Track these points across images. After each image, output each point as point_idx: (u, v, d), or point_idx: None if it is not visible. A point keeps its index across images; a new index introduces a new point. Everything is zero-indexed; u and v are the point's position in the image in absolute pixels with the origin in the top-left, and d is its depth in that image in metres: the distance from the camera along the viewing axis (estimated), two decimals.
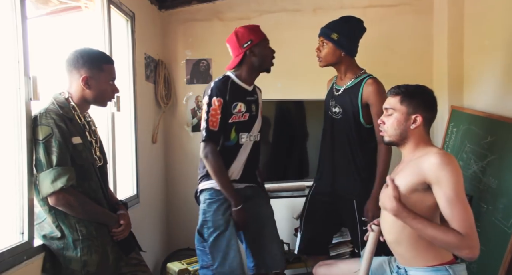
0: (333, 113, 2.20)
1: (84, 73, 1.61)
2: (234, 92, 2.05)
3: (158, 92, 3.22)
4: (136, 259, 1.81)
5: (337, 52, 2.16)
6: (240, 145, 2.09)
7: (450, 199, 1.45)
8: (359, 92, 2.12)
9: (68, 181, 1.48)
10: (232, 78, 2.09)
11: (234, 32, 2.10)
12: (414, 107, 1.60)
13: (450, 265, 1.54)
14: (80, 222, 1.56)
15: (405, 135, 1.62)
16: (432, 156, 1.50)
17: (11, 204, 1.53)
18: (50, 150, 1.49)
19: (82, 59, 1.61)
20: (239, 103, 2.06)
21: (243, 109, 2.07)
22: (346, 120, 2.16)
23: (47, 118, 1.51)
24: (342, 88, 2.19)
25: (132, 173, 2.74)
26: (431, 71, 3.29)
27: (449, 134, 2.93)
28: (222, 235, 1.99)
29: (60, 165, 1.49)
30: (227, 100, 2.02)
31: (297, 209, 3.26)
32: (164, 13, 3.39)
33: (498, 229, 2.31)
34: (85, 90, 1.62)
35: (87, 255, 1.54)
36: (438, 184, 1.47)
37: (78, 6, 2.25)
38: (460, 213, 1.44)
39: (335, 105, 2.20)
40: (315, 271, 2.01)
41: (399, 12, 3.32)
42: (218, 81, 2.06)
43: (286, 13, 3.37)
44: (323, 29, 2.21)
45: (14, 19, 1.52)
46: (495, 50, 2.64)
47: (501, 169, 2.39)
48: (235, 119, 2.05)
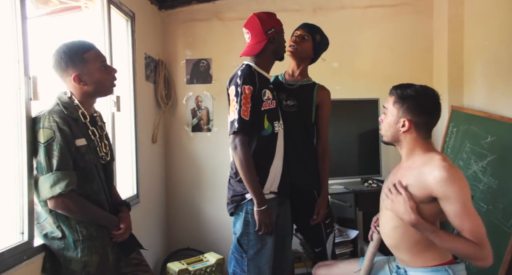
0: (285, 106, 2.19)
1: (72, 72, 1.55)
2: (260, 79, 1.96)
3: (158, 92, 3.22)
4: (137, 259, 1.80)
5: (310, 53, 2.22)
6: (276, 133, 1.99)
7: (460, 214, 1.42)
8: (313, 92, 2.21)
9: (67, 186, 1.46)
10: (254, 67, 1.98)
11: (257, 17, 1.98)
12: (403, 111, 1.55)
13: (449, 265, 1.54)
14: (81, 223, 1.55)
15: (397, 138, 1.59)
16: (437, 169, 1.45)
17: (11, 204, 1.53)
18: (51, 153, 1.47)
19: (63, 60, 1.55)
20: (267, 91, 1.97)
21: (271, 97, 1.99)
22: (300, 114, 2.18)
23: (50, 122, 1.49)
24: (298, 83, 2.23)
25: (132, 173, 2.74)
26: (431, 71, 3.30)
27: (449, 134, 2.93)
28: (264, 249, 1.93)
29: (60, 169, 1.47)
30: (257, 87, 1.92)
31: None
32: (164, 13, 3.39)
33: (498, 229, 2.31)
34: (83, 87, 1.58)
35: (88, 256, 1.53)
36: (447, 199, 1.44)
37: (78, 6, 2.25)
38: (471, 225, 1.42)
39: (288, 98, 2.20)
40: (315, 271, 2.00)
41: (399, 12, 3.32)
42: (244, 69, 1.95)
43: (286, 13, 3.36)
44: (310, 25, 2.24)
45: (14, 19, 1.52)
46: (495, 50, 2.64)
47: (501, 169, 2.39)
48: (266, 107, 1.95)
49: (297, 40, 2.19)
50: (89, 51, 1.59)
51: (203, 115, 3.45)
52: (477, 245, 1.39)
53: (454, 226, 1.46)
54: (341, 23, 3.34)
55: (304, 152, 2.18)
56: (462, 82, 3.02)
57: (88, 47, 1.61)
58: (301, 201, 2.20)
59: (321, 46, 2.24)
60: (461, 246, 1.41)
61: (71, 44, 1.59)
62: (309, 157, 2.20)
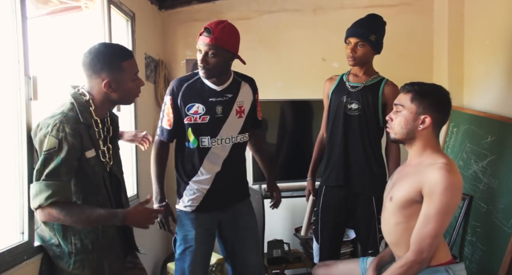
0: (348, 110, 2.17)
1: (106, 77, 1.48)
2: (191, 91, 1.90)
3: (158, 92, 3.22)
4: (132, 262, 1.75)
5: (373, 53, 2.18)
6: (206, 148, 1.92)
7: (429, 216, 1.45)
8: (379, 91, 2.14)
9: (47, 199, 1.35)
10: (200, 76, 1.91)
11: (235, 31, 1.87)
12: (424, 107, 1.54)
13: (449, 265, 1.54)
14: (76, 234, 1.48)
15: (412, 135, 1.57)
16: (436, 171, 1.46)
17: (11, 204, 1.53)
18: (47, 162, 1.38)
19: (100, 63, 1.48)
20: (196, 105, 1.89)
21: (201, 111, 1.89)
22: (364, 116, 2.15)
23: (59, 131, 1.40)
24: (361, 85, 2.18)
25: (132, 173, 2.74)
26: (431, 71, 3.30)
27: (449, 134, 2.93)
28: (187, 251, 1.94)
29: (47, 179, 1.36)
30: (179, 99, 1.89)
31: (297, 209, 3.27)
32: (164, 13, 3.39)
33: (498, 229, 2.31)
34: (110, 93, 1.51)
35: (79, 269, 1.47)
36: (429, 198, 1.46)
37: (78, 6, 2.25)
38: (426, 231, 1.45)
39: (352, 101, 2.17)
40: (315, 271, 2.00)
41: (399, 12, 3.32)
42: (178, 79, 1.95)
43: (286, 13, 3.37)
44: (359, 30, 2.14)
45: (14, 19, 1.52)
46: (495, 50, 2.64)
47: (501, 169, 2.39)
48: (190, 120, 1.90)
49: (354, 52, 2.12)
50: (128, 59, 1.54)
51: None
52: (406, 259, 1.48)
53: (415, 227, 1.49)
54: (341, 23, 3.30)
55: (365, 158, 2.15)
56: (462, 82, 3.02)
57: (128, 56, 1.55)
58: (359, 205, 2.19)
59: (379, 40, 2.16)
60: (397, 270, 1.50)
61: (111, 47, 1.57)
62: (374, 162, 2.15)
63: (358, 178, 2.18)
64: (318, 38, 3.31)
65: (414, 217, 1.52)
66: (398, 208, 1.58)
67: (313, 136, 2.97)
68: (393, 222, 1.61)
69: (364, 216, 2.18)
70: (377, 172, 2.16)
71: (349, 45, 2.15)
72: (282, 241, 2.90)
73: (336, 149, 2.23)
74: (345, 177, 2.19)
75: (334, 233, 2.28)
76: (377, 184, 2.12)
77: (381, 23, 2.22)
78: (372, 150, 2.16)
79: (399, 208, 1.57)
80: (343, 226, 2.32)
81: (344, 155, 2.19)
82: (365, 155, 2.16)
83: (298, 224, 3.03)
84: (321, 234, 2.28)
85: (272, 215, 2.76)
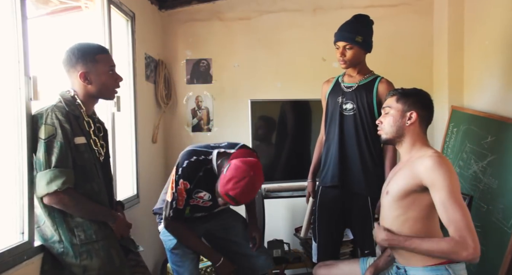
0: (343, 110, 2.19)
1: (80, 69, 1.58)
2: (204, 181, 1.96)
3: (158, 92, 3.22)
4: (134, 260, 1.79)
5: (363, 53, 2.19)
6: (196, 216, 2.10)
7: (445, 201, 1.46)
8: (373, 89, 2.16)
9: (64, 184, 1.46)
10: (213, 166, 1.96)
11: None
12: (409, 104, 1.66)
13: (449, 264, 1.54)
14: (79, 226, 1.53)
15: (401, 132, 1.66)
16: (426, 159, 1.53)
17: (11, 204, 1.53)
18: (51, 150, 1.47)
19: (74, 56, 1.57)
20: (203, 192, 1.99)
21: (206, 198, 2.01)
22: (359, 116, 2.16)
23: (53, 118, 1.49)
24: (355, 84, 2.20)
25: (132, 173, 2.74)
26: (431, 71, 3.29)
27: (449, 134, 2.93)
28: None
29: (58, 166, 1.46)
30: (193, 185, 1.96)
31: (297, 209, 3.27)
32: (164, 13, 3.39)
33: (498, 229, 2.31)
34: (87, 86, 1.60)
35: (87, 260, 1.51)
36: (433, 186, 1.49)
37: (78, 6, 2.25)
38: (455, 215, 1.44)
39: (346, 101, 2.19)
40: (315, 271, 2.01)
41: (399, 12, 3.32)
42: (190, 164, 1.97)
43: (286, 13, 3.37)
44: (345, 34, 2.16)
45: (14, 19, 1.52)
46: (495, 50, 2.64)
47: (501, 169, 2.39)
48: (193, 202, 2.01)
49: (343, 56, 2.15)
50: (102, 54, 1.64)
51: (203, 115, 3.45)
52: (454, 239, 1.42)
53: (441, 219, 1.49)
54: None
55: (361, 158, 2.16)
56: (462, 82, 3.02)
57: (102, 50, 1.66)
58: (354, 205, 2.20)
59: (367, 40, 2.17)
60: (437, 245, 1.46)
61: (87, 44, 1.65)
62: (370, 162, 2.16)
63: (353, 178, 2.19)
64: (318, 38, 3.31)
65: (412, 207, 1.57)
66: (395, 200, 1.61)
67: (313, 137, 2.98)
68: (391, 216, 1.63)
69: (360, 216, 2.19)
70: (373, 171, 2.16)
71: (338, 49, 2.18)
72: (282, 241, 2.90)
73: (332, 149, 2.24)
74: (341, 177, 2.20)
75: (331, 232, 2.28)
76: (373, 184, 2.13)
77: (366, 22, 2.22)
78: (369, 150, 2.17)
79: (396, 200, 1.60)
80: (340, 225, 2.31)
81: (340, 155, 2.20)
82: (361, 155, 2.17)
83: (298, 224, 3.03)
84: (318, 233, 2.30)
85: (272, 215, 2.76)
